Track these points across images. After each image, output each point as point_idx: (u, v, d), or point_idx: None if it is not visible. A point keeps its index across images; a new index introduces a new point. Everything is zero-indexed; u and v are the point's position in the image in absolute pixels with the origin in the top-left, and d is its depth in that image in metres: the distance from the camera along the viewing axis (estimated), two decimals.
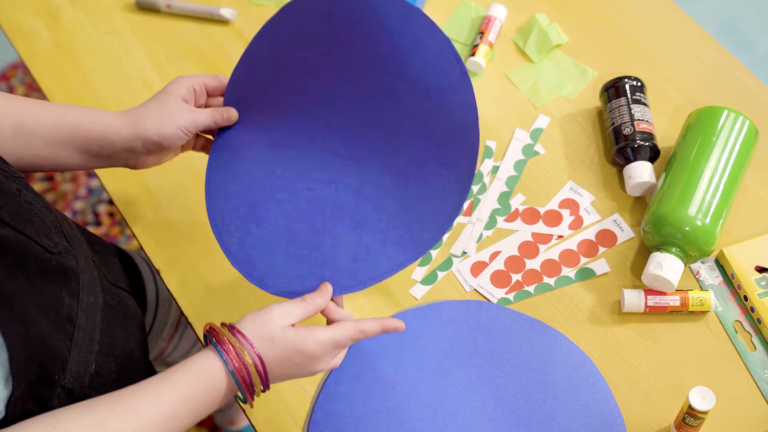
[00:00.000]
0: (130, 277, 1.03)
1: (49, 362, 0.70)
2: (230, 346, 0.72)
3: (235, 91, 0.86)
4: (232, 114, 0.86)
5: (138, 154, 0.84)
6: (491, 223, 0.99)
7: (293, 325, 0.75)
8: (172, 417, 0.69)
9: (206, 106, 0.88)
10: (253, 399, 0.74)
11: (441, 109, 0.83)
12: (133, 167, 0.86)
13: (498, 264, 0.96)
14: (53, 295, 0.72)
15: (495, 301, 0.94)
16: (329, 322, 0.80)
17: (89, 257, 0.83)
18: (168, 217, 1.01)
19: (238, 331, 0.73)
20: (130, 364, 0.85)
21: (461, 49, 1.12)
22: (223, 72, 1.11)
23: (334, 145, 0.84)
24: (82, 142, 0.82)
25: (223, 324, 0.75)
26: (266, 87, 0.86)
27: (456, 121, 0.82)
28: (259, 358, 0.73)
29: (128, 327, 0.88)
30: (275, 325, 0.74)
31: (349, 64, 0.84)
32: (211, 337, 0.74)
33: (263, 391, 0.74)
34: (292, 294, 0.81)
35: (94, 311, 0.79)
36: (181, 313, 1.14)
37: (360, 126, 0.84)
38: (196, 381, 0.71)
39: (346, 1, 0.83)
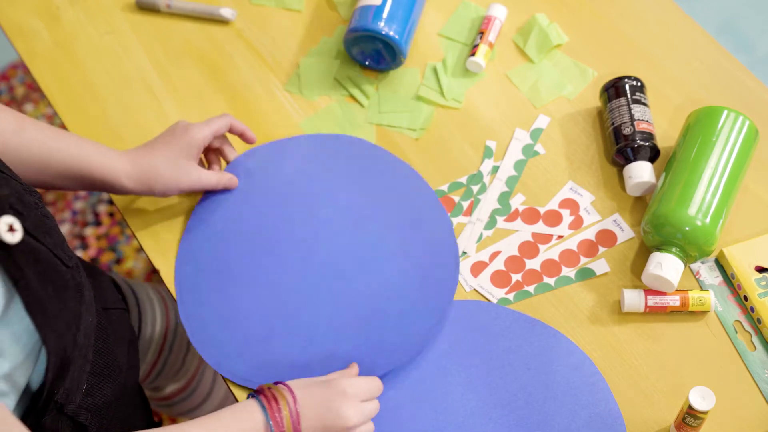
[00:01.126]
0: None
1: (58, 377, 0.70)
2: (271, 401, 0.78)
3: None
4: (233, 182, 0.98)
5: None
6: (491, 223, 0.99)
7: None
8: None
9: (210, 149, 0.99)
10: None
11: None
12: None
13: (498, 264, 0.96)
14: (73, 309, 0.73)
15: (495, 301, 0.94)
16: None
17: (85, 276, 0.84)
18: (168, 217, 1.01)
19: (286, 387, 0.80)
20: (121, 386, 0.85)
21: (461, 49, 1.11)
22: (222, 71, 1.11)
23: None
24: (89, 183, 0.90)
25: (273, 384, 0.81)
26: None
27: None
28: (290, 393, 0.79)
29: (120, 348, 0.89)
30: (322, 388, 0.80)
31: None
32: (257, 394, 0.80)
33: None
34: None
35: (90, 331, 0.79)
36: (164, 341, 1.14)
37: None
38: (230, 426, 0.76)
39: None
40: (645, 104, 1.01)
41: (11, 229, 0.61)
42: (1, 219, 0.60)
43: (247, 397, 0.80)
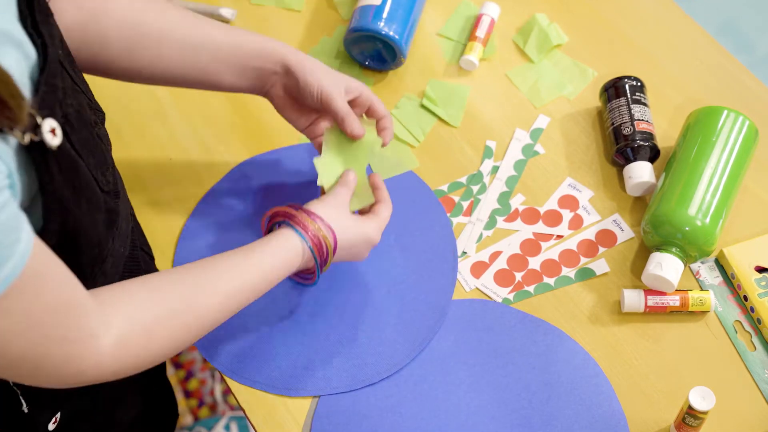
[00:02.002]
0: None
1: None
2: (308, 228, 0.82)
3: None
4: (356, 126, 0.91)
5: (279, 82, 0.90)
6: (491, 223, 0.99)
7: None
8: (252, 290, 0.78)
9: None
10: (321, 272, 0.85)
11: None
12: (267, 96, 0.92)
13: (501, 263, 0.96)
14: (100, 232, 0.73)
15: (499, 300, 0.94)
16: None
17: (129, 210, 0.85)
18: (167, 215, 1.00)
19: (314, 214, 0.83)
20: None
21: (461, 49, 1.11)
22: None
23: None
24: (243, 58, 0.88)
25: (288, 206, 0.84)
26: None
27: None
28: (333, 235, 0.83)
29: None
30: (346, 214, 0.85)
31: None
32: (285, 220, 0.83)
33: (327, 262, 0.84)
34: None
35: (120, 261, 0.80)
36: None
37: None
38: (273, 256, 0.80)
39: None
40: (645, 104, 1.01)
41: (53, 132, 0.61)
42: (45, 120, 0.61)
43: (276, 226, 0.85)
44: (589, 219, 0.99)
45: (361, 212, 0.90)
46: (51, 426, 0.80)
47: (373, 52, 1.08)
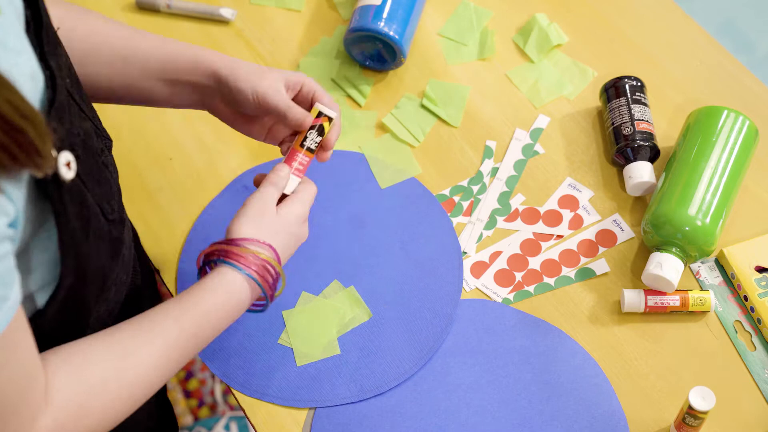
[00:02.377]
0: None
1: (80, 319, 0.71)
2: (241, 256, 0.75)
3: None
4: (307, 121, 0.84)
5: (216, 94, 0.84)
6: (491, 223, 0.99)
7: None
8: (193, 336, 0.73)
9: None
10: (272, 297, 0.79)
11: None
12: (211, 112, 0.85)
13: (501, 262, 0.96)
14: (105, 263, 0.73)
15: (499, 300, 0.94)
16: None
17: (131, 236, 0.84)
18: (168, 217, 1.01)
19: (243, 240, 0.76)
20: None
21: (460, 49, 1.11)
22: None
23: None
24: (172, 72, 0.82)
25: (217, 243, 0.77)
26: None
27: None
28: (274, 252, 0.77)
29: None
30: (271, 216, 0.78)
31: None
32: (216, 258, 0.76)
33: (276, 281, 0.79)
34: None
35: (122, 288, 0.79)
36: None
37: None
38: (216, 302, 0.74)
39: None
40: (645, 104, 1.01)
41: (68, 165, 0.61)
42: (61, 153, 0.60)
43: (205, 265, 0.78)
44: (589, 219, 0.99)
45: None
46: None
47: (373, 52, 1.08)
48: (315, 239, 0.97)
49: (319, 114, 0.83)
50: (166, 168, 1.04)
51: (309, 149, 0.83)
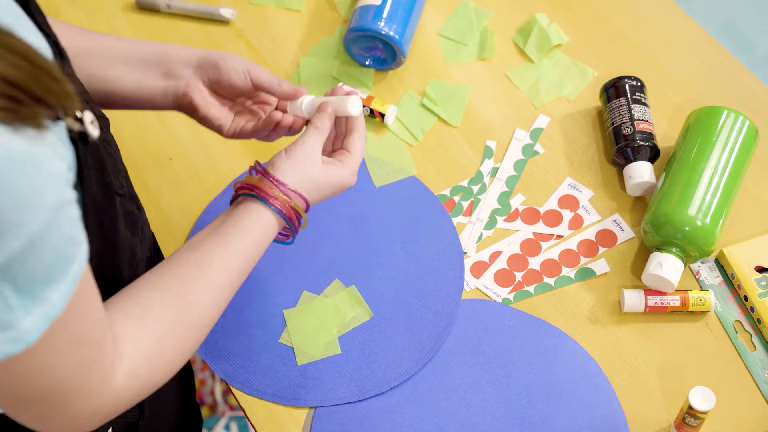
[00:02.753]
0: None
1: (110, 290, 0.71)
2: (277, 198, 0.77)
3: None
4: (301, 90, 0.85)
5: (194, 76, 0.84)
6: (491, 223, 0.99)
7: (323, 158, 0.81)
8: (239, 274, 0.76)
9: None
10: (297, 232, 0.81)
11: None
12: (184, 96, 0.85)
13: (501, 262, 0.96)
14: (123, 234, 0.73)
15: (499, 300, 0.94)
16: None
17: (142, 212, 0.84)
18: (168, 217, 1.01)
19: (281, 183, 0.78)
20: None
21: (460, 49, 1.11)
22: None
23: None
24: (140, 55, 0.83)
25: (256, 170, 0.79)
26: None
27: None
28: (305, 201, 0.78)
29: None
30: (316, 169, 0.79)
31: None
32: (253, 193, 0.77)
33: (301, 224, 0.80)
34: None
35: (143, 263, 0.79)
36: None
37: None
38: (254, 240, 0.76)
39: None
40: (645, 104, 1.01)
41: (93, 123, 0.60)
42: (85, 112, 0.59)
43: (237, 197, 0.79)
44: (589, 219, 0.99)
45: (334, 149, 0.84)
46: None
47: (373, 52, 1.08)
48: (316, 238, 0.97)
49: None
50: (166, 168, 1.04)
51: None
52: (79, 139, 0.59)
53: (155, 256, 0.85)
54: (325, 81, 1.09)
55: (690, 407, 0.81)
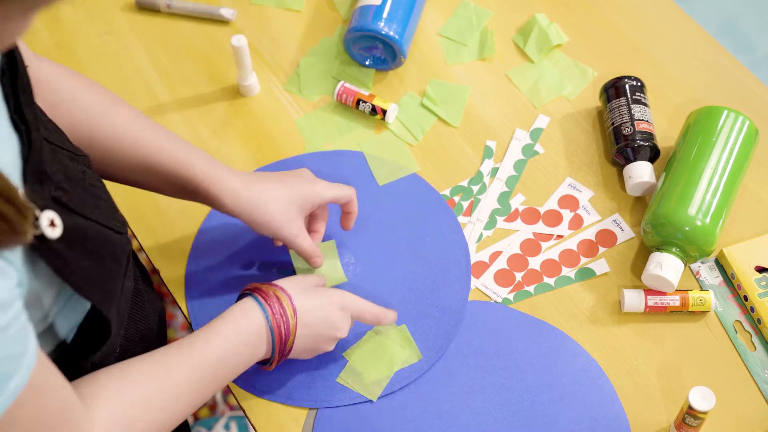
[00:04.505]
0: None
1: (99, 341, 0.72)
2: (268, 298, 0.80)
3: None
4: (318, 262, 0.91)
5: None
6: (491, 223, 0.99)
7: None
8: (222, 363, 0.77)
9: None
10: (280, 355, 0.82)
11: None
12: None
13: (501, 262, 0.96)
14: (118, 278, 0.74)
15: (499, 300, 0.94)
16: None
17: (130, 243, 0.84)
18: (168, 217, 1.00)
19: (279, 287, 0.81)
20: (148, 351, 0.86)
21: (460, 49, 1.11)
22: (222, 71, 1.10)
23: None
24: (191, 193, 0.86)
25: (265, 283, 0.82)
26: None
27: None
28: (291, 302, 0.81)
29: (152, 316, 0.90)
30: (308, 283, 0.84)
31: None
32: (251, 293, 0.81)
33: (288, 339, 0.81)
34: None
35: (128, 296, 0.80)
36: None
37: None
38: (235, 328, 0.79)
39: None
40: (645, 104, 1.01)
41: (52, 224, 0.61)
42: (42, 214, 0.60)
43: (241, 296, 0.83)
44: (589, 219, 0.99)
45: None
46: None
47: (373, 52, 1.08)
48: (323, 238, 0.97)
49: None
50: None
51: None
52: (39, 241, 0.59)
53: (136, 285, 0.85)
54: (325, 81, 1.09)
55: (690, 407, 0.81)
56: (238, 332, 0.79)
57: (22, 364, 0.56)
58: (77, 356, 0.74)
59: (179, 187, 0.86)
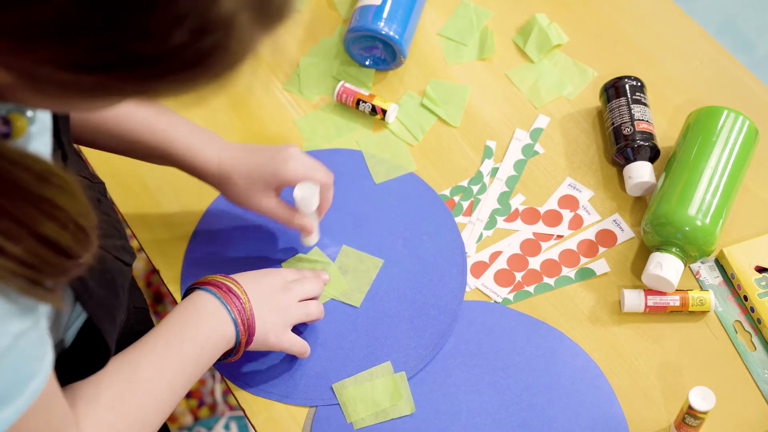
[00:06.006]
0: None
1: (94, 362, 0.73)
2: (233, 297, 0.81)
3: None
4: (306, 227, 0.92)
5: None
6: (491, 223, 0.99)
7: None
8: (194, 360, 0.78)
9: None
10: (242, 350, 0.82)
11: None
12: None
13: (501, 262, 0.96)
14: (124, 309, 0.75)
15: (499, 300, 0.94)
16: None
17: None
18: (168, 217, 1.00)
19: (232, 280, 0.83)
20: None
21: (460, 49, 1.11)
22: None
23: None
24: (177, 164, 0.91)
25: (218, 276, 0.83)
26: None
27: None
28: (248, 300, 0.82)
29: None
30: (268, 282, 0.85)
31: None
32: (214, 291, 0.81)
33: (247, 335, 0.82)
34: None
35: (126, 311, 0.80)
36: None
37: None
38: (205, 324, 0.79)
39: None
40: (645, 104, 1.01)
41: None
42: None
43: (191, 290, 0.83)
44: (589, 219, 0.99)
45: None
46: None
47: (373, 52, 1.08)
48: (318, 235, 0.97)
49: None
50: (166, 168, 1.04)
51: None
52: None
53: (129, 318, 0.86)
54: (325, 81, 1.09)
55: (690, 407, 0.81)
56: (208, 333, 0.79)
57: (43, 367, 0.56)
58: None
59: (162, 159, 0.90)
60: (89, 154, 1.04)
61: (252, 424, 0.89)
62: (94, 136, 0.87)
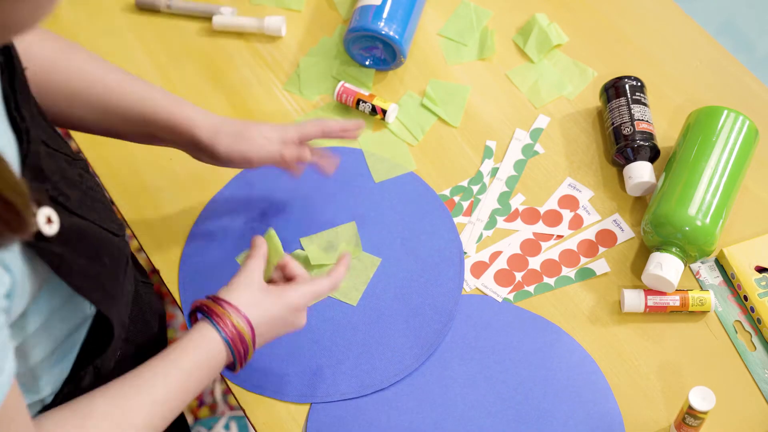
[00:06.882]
0: None
1: (103, 344, 0.73)
2: (221, 317, 0.76)
3: None
4: (303, 156, 0.90)
5: (199, 153, 0.88)
6: (491, 223, 0.99)
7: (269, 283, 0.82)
8: (181, 390, 0.73)
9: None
10: (242, 365, 0.78)
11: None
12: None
13: (501, 262, 0.96)
14: (121, 281, 0.73)
15: (499, 300, 0.94)
16: (288, 279, 0.84)
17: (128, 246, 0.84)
18: (168, 217, 1.01)
19: (225, 302, 0.77)
20: (148, 354, 0.86)
21: (460, 49, 1.11)
22: (222, 71, 1.10)
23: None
24: (154, 129, 0.85)
25: (208, 297, 0.78)
26: None
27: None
28: (247, 321, 0.77)
29: (153, 319, 0.90)
30: (257, 290, 0.79)
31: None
32: (203, 312, 0.77)
33: (248, 353, 0.78)
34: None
35: (128, 299, 0.80)
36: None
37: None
38: (196, 353, 0.75)
39: None
40: (645, 104, 1.01)
41: (49, 221, 0.60)
42: (39, 210, 0.59)
43: (192, 315, 0.80)
44: (589, 219, 0.99)
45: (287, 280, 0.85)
46: None
47: (373, 52, 1.08)
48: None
49: None
50: (166, 168, 1.04)
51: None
52: (37, 239, 0.59)
53: (136, 289, 0.85)
54: (325, 81, 1.09)
55: (690, 407, 0.81)
56: (198, 361, 0.76)
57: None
58: (81, 362, 0.74)
59: (140, 126, 0.86)
60: (90, 154, 1.04)
61: (252, 424, 0.89)
62: (71, 106, 0.83)
